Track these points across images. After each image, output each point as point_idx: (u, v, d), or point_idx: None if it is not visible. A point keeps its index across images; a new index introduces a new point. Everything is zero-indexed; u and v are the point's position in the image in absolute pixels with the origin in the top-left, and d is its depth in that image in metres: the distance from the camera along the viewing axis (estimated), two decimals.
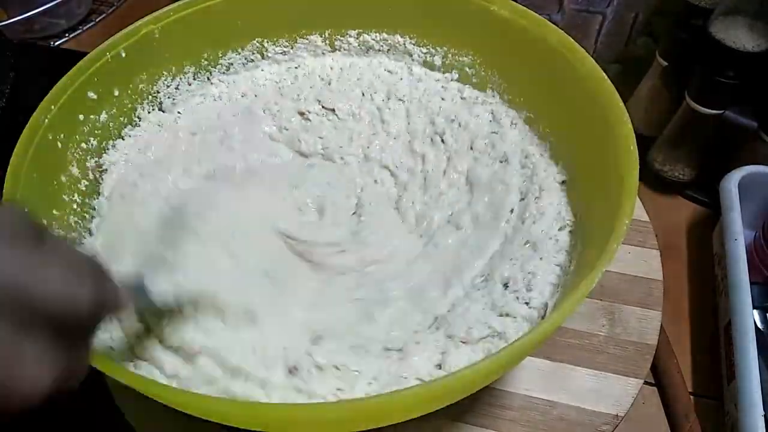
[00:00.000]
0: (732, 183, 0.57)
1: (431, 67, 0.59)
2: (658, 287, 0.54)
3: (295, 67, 0.61)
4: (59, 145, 0.47)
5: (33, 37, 0.84)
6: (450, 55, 0.58)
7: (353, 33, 0.59)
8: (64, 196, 0.47)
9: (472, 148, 0.54)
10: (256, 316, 0.42)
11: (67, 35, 0.85)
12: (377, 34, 0.59)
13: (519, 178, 0.51)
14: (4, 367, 0.18)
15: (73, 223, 0.47)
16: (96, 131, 0.51)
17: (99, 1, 0.90)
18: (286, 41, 0.60)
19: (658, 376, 0.53)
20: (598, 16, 0.72)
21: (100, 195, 0.50)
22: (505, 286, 0.44)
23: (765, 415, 0.44)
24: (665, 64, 0.63)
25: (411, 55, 0.59)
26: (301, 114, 0.58)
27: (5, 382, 0.18)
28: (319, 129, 0.57)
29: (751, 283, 0.51)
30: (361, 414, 0.33)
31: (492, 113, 0.55)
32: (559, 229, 0.47)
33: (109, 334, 0.41)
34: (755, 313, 0.52)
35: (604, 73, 0.45)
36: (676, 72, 0.63)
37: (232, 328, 0.41)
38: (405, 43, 0.59)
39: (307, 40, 0.60)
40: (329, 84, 0.59)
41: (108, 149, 0.52)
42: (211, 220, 0.45)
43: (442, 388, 0.32)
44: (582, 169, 0.48)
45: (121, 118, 0.53)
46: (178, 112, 0.57)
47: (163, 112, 0.56)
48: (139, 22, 0.52)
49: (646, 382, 0.50)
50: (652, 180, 0.67)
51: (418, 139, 0.55)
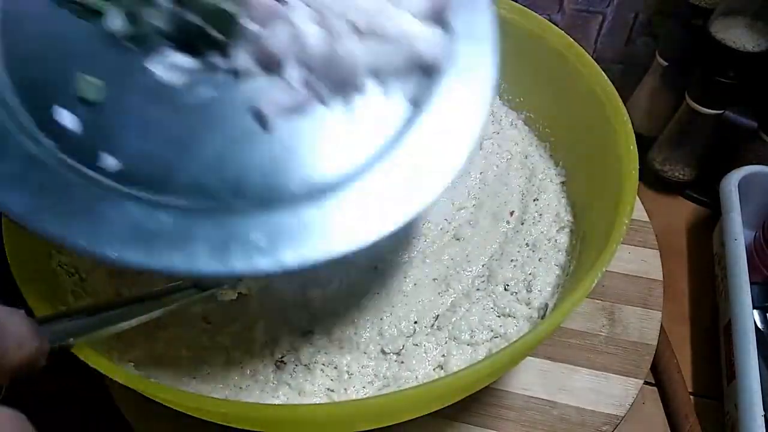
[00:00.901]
0: (732, 183, 0.57)
1: None
2: (658, 287, 0.54)
3: None
4: None
5: None
6: None
7: None
8: None
9: (481, 148, 0.53)
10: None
11: None
12: None
13: (519, 179, 0.51)
14: None
15: None
16: None
17: None
18: None
19: (659, 376, 0.53)
20: (598, 16, 0.72)
21: None
22: (506, 287, 0.44)
23: (765, 415, 0.44)
24: (665, 64, 0.63)
25: None
26: None
27: None
28: None
29: (751, 283, 0.51)
30: (361, 414, 0.33)
31: (492, 113, 0.55)
32: (559, 229, 0.47)
33: None
34: (755, 313, 0.52)
35: (604, 73, 0.45)
36: (676, 72, 0.63)
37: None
38: None
39: None
40: None
41: None
42: None
43: (442, 388, 0.32)
44: (582, 169, 0.48)
45: None
46: None
47: None
48: None
49: (646, 382, 0.50)
50: (652, 180, 0.67)
51: None
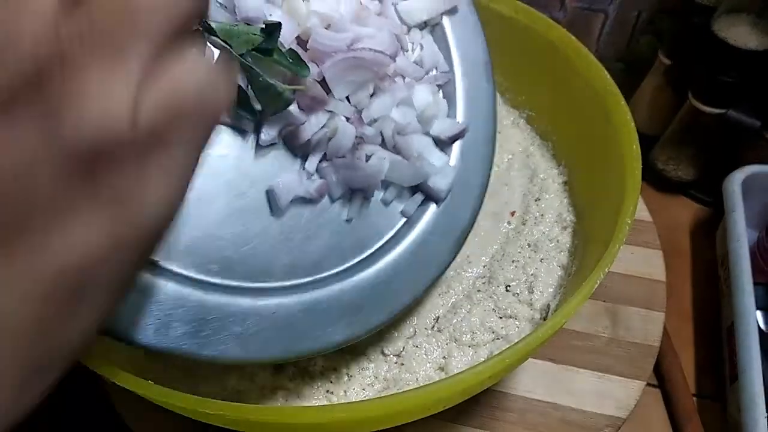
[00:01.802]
0: (735, 183, 0.56)
1: None
2: (661, 288, 0.53)
3: None
4: None
5: None
6: None
7: None
8: None
9: None
10: None
11: None
12: None
13: (520, 179, 0.51)
14: None
15: None
16: None
17: None
18: None
19: (661, 378, 0.52)
20: (601, 15, 0.71)
21: None
22: (507, 287, 0.44)
23: None
24: (668, 62, 0.63)
25: None
26: None
27: None
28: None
29: (755, 284, 0.51)
30: (361, 417, 0.33)
31: None
32: (561, 229, 0.47)
33: None
34: (759, 314, 0.52)
35: (607, 72, 0.45)
36: (679, 71, 0.62)
37: None
38: None
39: None
40: None
41: None
42: None
43: (443, 391, 0.31)
44: (584, 168, 0.48)
45: None
46: None
47: None
48: None
49: (648, 384, 0.50)
50: (654, 179, 0.67)
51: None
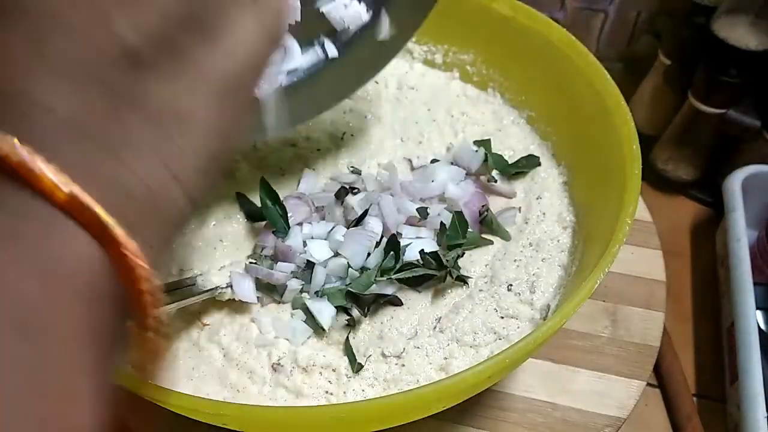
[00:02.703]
0: (735, 183, 0.56)
1: (432, 65, 0.59)
2: (661, 288, 0.53)
3: None
4: None
5: None
6: (451, 53, 0.57)
7: None
8: None
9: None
10: None
11: None
12: None
13: (521, 177, 0.51)
14: None
15: None
16: None
17: None
18: None
19: (661, 378, 0.53)
20: (601, 14, 0.71)
21: None
22: (509, 287, 0.43)
23: None
24: (668, 62, 0.63)
25: (411, 53, 0.59)
26: None
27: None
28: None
29: (755, 284, 0.51)
30: (361, 416, 0.33)
31: (494, 112, 0.55)
32: (562, 229, 0.47)
33: None
34: (759, 314, 0.52)
35: (607, 72, 0.45)
36: (679, 71, 0.62)
37: None
38: None
39: None
40: None
41: None
42: None
43: (443, 390, 0.31)
44: (584, 168, 0.47)
45: None
46: None
47: None
48: None
49: (648, 384, 0.50)
50: (654, 179, 0.67)
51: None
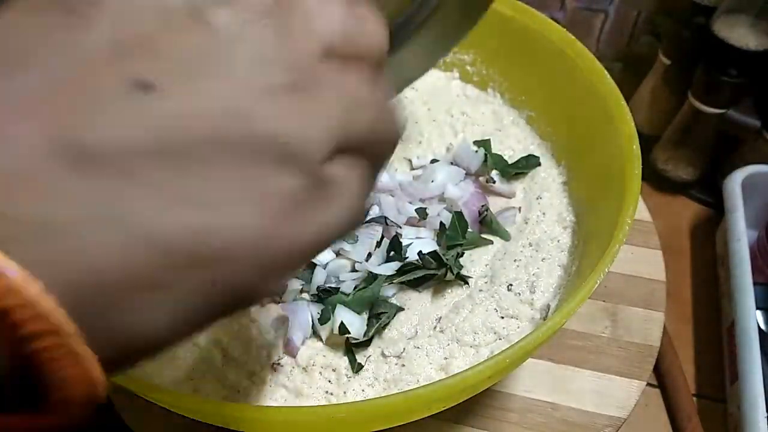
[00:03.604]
0: (735, 183, 0.56)
1: None
2: (661, 288, 0.53)
3: None
4: None
5: None
6: (451, 53, 0.57)
7: None
8: None
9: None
10: None
11: None
12: None
13: (521, 177, 0.51)
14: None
15: None
16: None
17: None
18: None
19: (661, 378, 0.52)
20: (601, 14, 0.71)
21: None
22: (509, 287, 0.43)
23: None
24: (668, 62, 0.63)
25: None
26: None
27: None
28: None
29: (755, 284, 0.51)
30: (361, 416, 0.33)
31: (494, 112, 0.55)
32: (562, 229, 0.47)
33: None
34: (759, 314, 0.52)
35: (606, 72, 0.45)
36: (679, 71, 0.62)
37: None
38: None
39: None
40: None
41: None
42: None
43: (443, 390, 0.31)
44: (584, 168, 0.48)
45: None
46: None
47: None
48: None
49: (648, 384, 0.50)
50: (654, 179, 0.67)
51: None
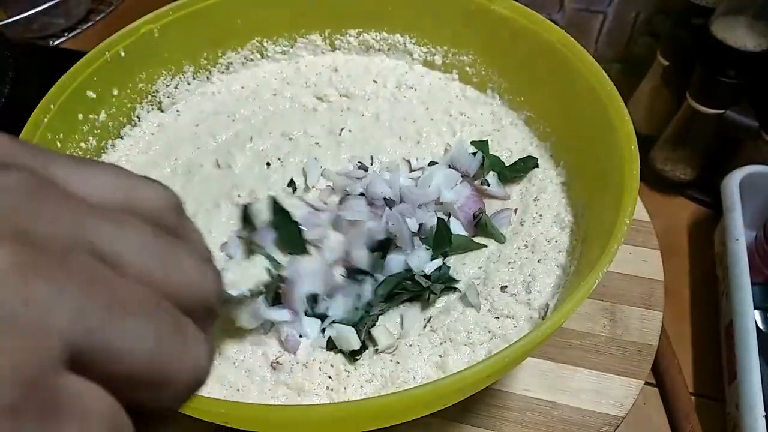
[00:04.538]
0: (733, 183, 0.57)
1: (432, 66, 0.59)
2: (660, 288, 0.53)
3: (296, 62, 0.60)
4: (58, 144, 0.47)
5: (32, 36, 0.83)
6: (450, 54, 0.58)
7: (353, 32, 0.59)
8: None
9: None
10: None
11: (66, 35, 0.85)
12: (377, 34, 0.59)
13: (518, 179, 0.51)
14: (174, 352, 0.16)
15: None
16: (95, 131, 0.51)
17: (98, 1, 0.90)
18: (286, 40, 0.60)
19: (660, 377, 0.53)
20: (599, 16, 0.71)
21: None
22: (503, 288, 0.44)
23: (766, 416, 0.44)
24: (666, 63, 0.63)
25: (411, 55, 0.59)
26: (319, 98, 0.57)
27: (175, 366, 0.16)
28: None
29: (753, 283, 0.51)
30: (361, 415, 0.33)
31: (492, 113, 0.55)
32: (560, 230, 0.47)
33: None
34: (756, 313, 0.52)
35: (605, 73, 0.45)
36: (677, 71, 0.63)
37: None
38: (405, 43, 0.59)
39: (306, 39, 0.60)
40: (336, 70, 0.59)
41: (107, 149, 0.52)
42: None
43: (442, 389, 0.32)
44: (582, 169, 0.48)
45: (121, 118, 0.53)
46: (177, 111, 0.57)
47: (162, 112, 0.56)
48: (138, 22, 0.52)
49: (647, 383, 0.50)
50: (653, 180, 0.67)
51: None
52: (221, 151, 0.53)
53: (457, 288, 0.44)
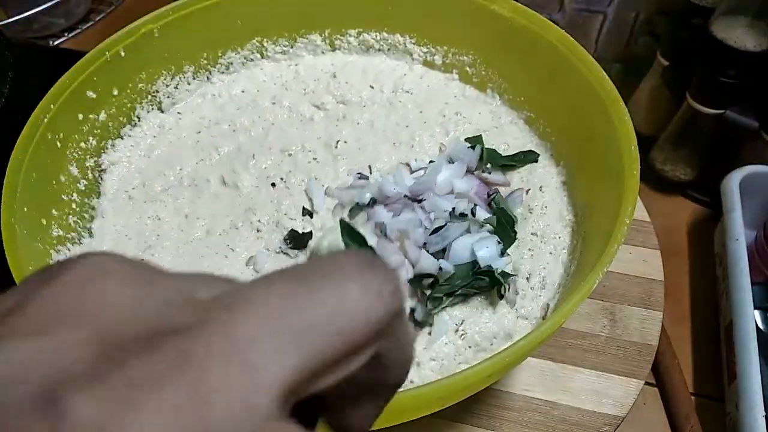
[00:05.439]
0: (733, 183, 0.57)
1: (431, 66, 0.59)
2: (660, 288, 0.54)
3: (296, 65, 0.60)
4: (58, 144, 0.47)
5: (32, 36, 0.83)
6: (450, 54, 0.58)
7: (353, 32, 0.59)
8: (63, 196, 0.47)
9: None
10: None
11: (66, 35, 0.85)
12: (377, 34, 0.59)
13: (519, 179, 0.51)
14: None
15: (72, 223, 0.47)
16: (95, 131, 0.51)
17: (98, 1, 0.90)
18: (286, 40, 0.60)
19: (659, 377, 0.53)
20: (599, 16, 0.71)
21: (100, 195, 0.50)
22: (527, 279, 0.44)
23: (766, 416, 0.44)
24: (666, 63, 0.63)
25: (411, 55, 0.59)
26: (317, 107, 0.57)
27: None
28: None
29: (753, 283, 0.51)
30: None
31: (492, 113, 0.55)
32: (561, 229, 0.47)
33: None
34: (756, 313, 0.52)
35: (605, 73, 0.45)
36: (677, 71, 0.63)
37: None
38: (405, 43, 0.59)
39: (306, 39, 0.60)
40: (334, 76, 0.59)
41: (107, 149, 0.52)
42: None
43: (443, 389, 0.32)
44: (583, 169, 0.48)
45: (121, 118, 0.53)
46: (178, 113, 0.57)
47: (162, 112, 0.56)
48: (138, 22, 0.52)
49: (647, 383, 0.50)
50: (653, 180, 0.67)
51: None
52: (225, 167, 0.52)
53: (508, 289, 0.43)
